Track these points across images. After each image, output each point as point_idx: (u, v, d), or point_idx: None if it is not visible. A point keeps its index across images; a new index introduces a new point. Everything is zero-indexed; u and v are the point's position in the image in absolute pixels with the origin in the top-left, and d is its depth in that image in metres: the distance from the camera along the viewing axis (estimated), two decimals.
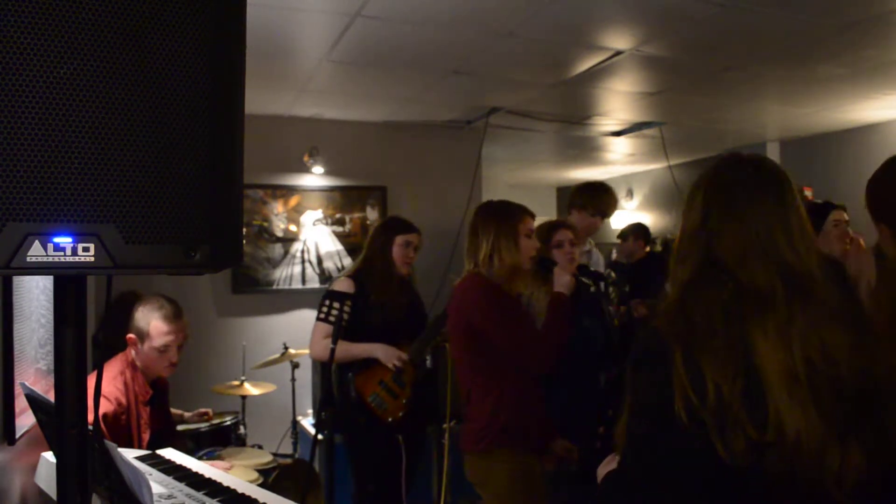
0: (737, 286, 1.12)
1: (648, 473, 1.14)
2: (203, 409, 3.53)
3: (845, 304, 1.14)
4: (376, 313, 3.00)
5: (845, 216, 3.63)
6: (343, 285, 3.07)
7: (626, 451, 1.18)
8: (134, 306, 2.46)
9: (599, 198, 3.51)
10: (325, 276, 4.97)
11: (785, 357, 1.04)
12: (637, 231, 5.47)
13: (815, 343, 1.06)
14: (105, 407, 2.19)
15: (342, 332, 2.90)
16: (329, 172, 5.01)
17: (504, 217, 2.49)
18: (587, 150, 6.60)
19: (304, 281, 4.98)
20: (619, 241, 5.56)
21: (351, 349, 2.90)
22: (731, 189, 1.21)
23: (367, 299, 3.01)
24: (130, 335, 2.40)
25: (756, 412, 1.02)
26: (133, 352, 2.41)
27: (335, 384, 2.98)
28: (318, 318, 3.02)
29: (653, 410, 1.12)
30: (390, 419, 2.97)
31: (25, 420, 1.85)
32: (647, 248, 5.52)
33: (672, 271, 1.24)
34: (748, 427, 1.02)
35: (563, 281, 2.50)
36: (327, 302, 3.00)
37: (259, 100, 4.38)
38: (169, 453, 1.99)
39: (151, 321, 2.38)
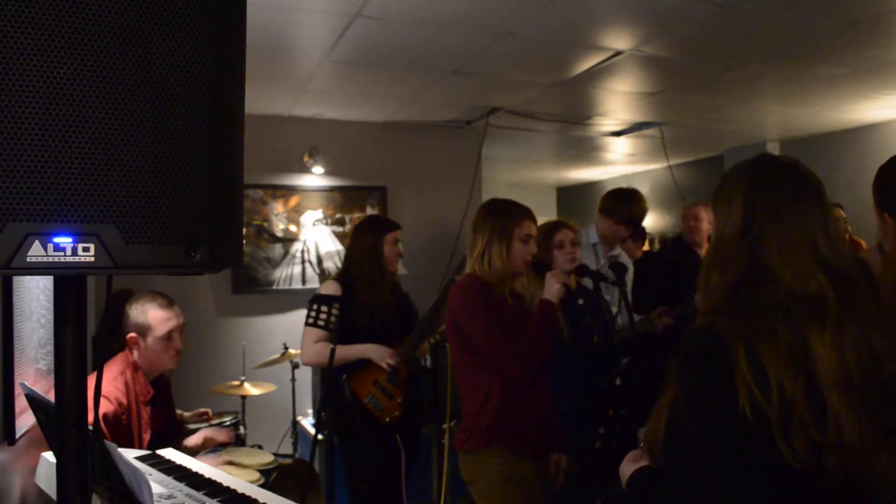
0: (789, 290, 1.11)
1: (700, 470, 1.11)
2: (203, 409, 3.53)
3: (881, 304, 1.14)
4: (365, 315, 2.96)
5: (842, 213, 3.64)
6: (329, 288, 3.03)
7: (674, 447, 1.15)
8: (125, 307, 2.46)
9: (628, 206, 3.46)
10: (325, 276, 4.96)
11: (840, 362, 1.05)
12: (635, 232, 5.45)
13: (865, 347, 1.07)
14: (105, 407, 2.19)
15: (332, 336, 2.89)
16: (329, 172, 5.01)
17: (501, 218, 2.45)
18: (587, 150, 6.60)
19: (304, 281, 4.98)
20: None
21: (343, 351, 2.87)
22: (773, 192, 1.19)
23: (355, 301, 2.97)
24: (131, 335, 2.40)
25: (816, 413, 1.03)
26: (135, 352, 2.41)
27: (327, 387, 2.96)
28: (306, 324, 2.99)
29: (712, 406, 1.10)
30: (388, 419, 2.96)
31: (25, 420, 1.85)
32: (646, 248, 5.52)
33: (706, 275, 1.21)
34: (810, 427, 1.02)
35: (552, 289, 2.45)
36: (315, 306, 2.97)
37: (259, 100, 4.38)
38: (169, 453, 1.99)
39: (150, 312, 2.39)
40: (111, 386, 2.27)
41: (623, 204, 3.48)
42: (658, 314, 3.24)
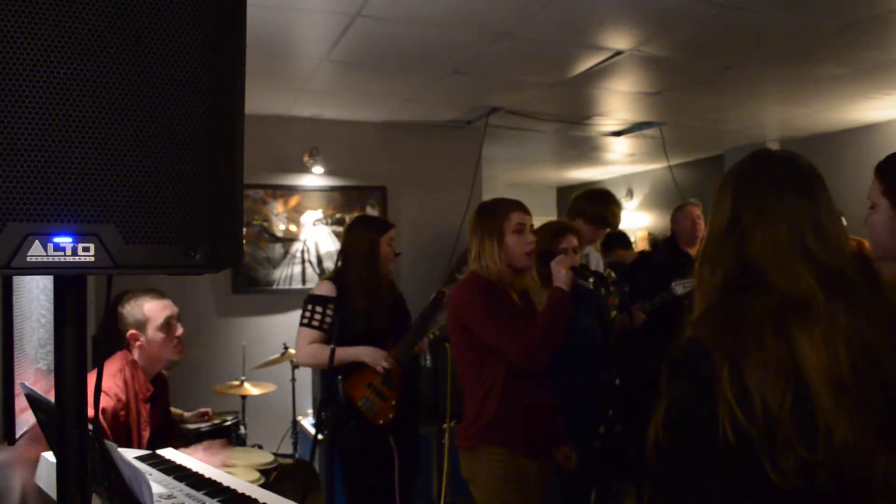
0: (779, 293, 1.07)
1: (682, 489, 1.09)
2: (203, 409, 3.53)
3: (879, 302, 1.10)
4: (360, 318, 2.93)
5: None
6: (324, 289, 2.99)
7: (658, 462, 1.12)
8: (118, 308, 2.45)
9: (604, 209, 3.45)
10: (325, 276, 4.96)
11: (830, 363, 1.01)
12: (617, 242, 5.38)
13: (859, 345, 1.02)
14: (104, 402, 2.18)
15: (326, 336, 2.87)
16: (329, 172, 5.01)
17: (488, 217, 2.44)
18: (587, 150, 6.60)
19: (304, 281, 4.98)
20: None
21: (337, 354, 2.84)
22: (758, 186, 1.16)
23: (349, 304, 2.94)
24: (131, 332, 2.40)
25: (806, 428, 0.99)
26: (135, 350, 2.41)
27: (322, 388, 2.94)
28: (301, 324, 2.96)
29: (692, 429, 1.07)
30: (381, 421, 2.93)
31: (25, 420, 1.85)
32: (637, 251, 5.53)
33: (699, 274, 1.18)
34: (798, 446, 0.98)
35: (560, 276, 2.40)
36: (310, 307, 2.95)
37: (259, 100, 4.38)
38: (169, 453, 1.99)
39: (144, 305, 2.39)
40: (110, 382, 2.27)
41: (596, 205, 3.47)
42: (629, 312, 3.22)
